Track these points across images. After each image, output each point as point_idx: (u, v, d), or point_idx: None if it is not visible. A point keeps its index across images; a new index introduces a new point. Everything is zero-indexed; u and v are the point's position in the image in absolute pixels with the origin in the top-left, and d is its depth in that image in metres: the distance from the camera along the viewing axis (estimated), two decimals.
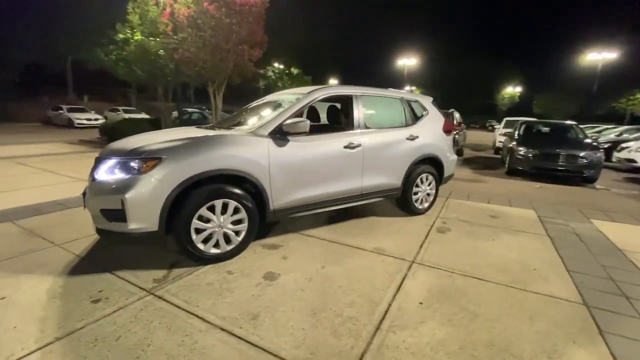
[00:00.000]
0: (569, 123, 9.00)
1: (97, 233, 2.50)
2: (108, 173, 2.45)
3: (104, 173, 2.46)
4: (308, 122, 2.93)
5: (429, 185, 4.18)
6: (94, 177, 2.51)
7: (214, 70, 9.13)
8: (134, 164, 2.38)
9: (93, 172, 2.57)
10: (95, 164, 2.60)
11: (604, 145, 10.00)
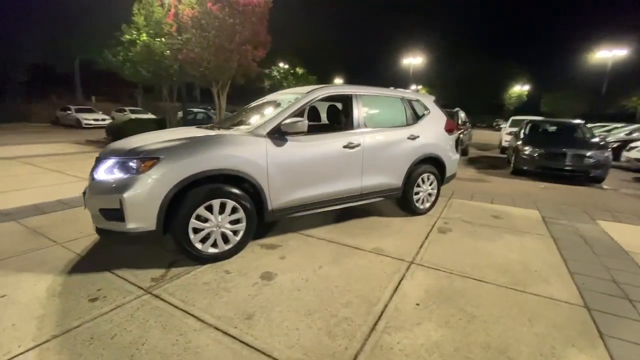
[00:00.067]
0: (576, 122, 8.86)
1: (96, 232, 2.53)
2: (107, 173, 2.47)
3: (103, 173, 2.49)
4: (306, 121, 2.92)
5: (431, 185, 4.15)
6: (94, 176, 2.54)
7: (218, 71, 9.17)
8: (132, 164, 2.40)
9: (93, 171, 2.60)
10: (96, 164, 2.63)
11: (613, 145, 9.80)
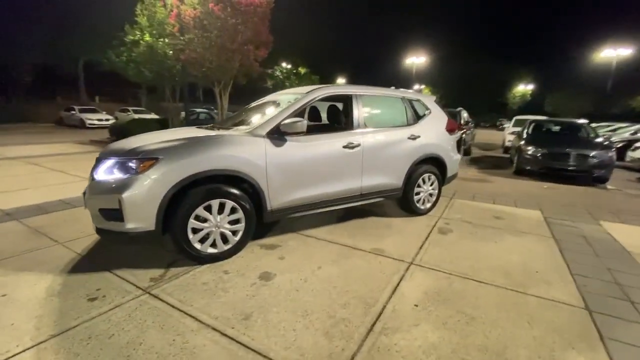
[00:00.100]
0: (579, 122, 8.77)
1: (96, 232, 2.54)
2: (106, 173, 2.48)
3: (103, 173, 2.50)
4: (305, 121, 2.92)
5: (431, 186, 4.13)
6: (94, 177, 2.55)
7: (220, 71, 9.20)
8: (131, 164, 2.41)
9: (93, 172, 2.61)
10: (96, 164, 2.64)
11: (618, 145, 9.70)
